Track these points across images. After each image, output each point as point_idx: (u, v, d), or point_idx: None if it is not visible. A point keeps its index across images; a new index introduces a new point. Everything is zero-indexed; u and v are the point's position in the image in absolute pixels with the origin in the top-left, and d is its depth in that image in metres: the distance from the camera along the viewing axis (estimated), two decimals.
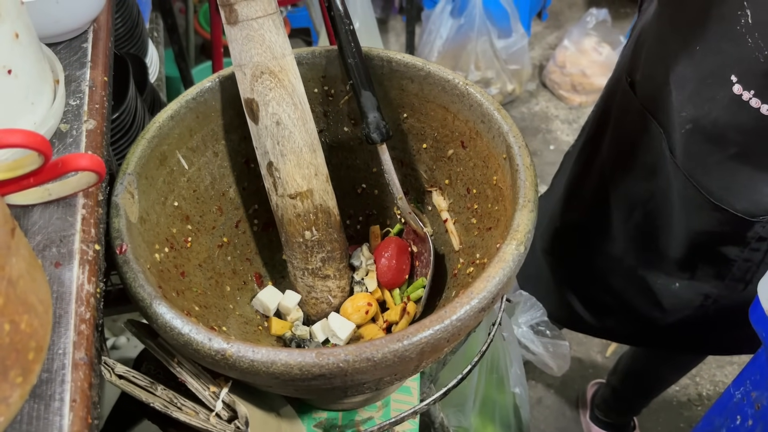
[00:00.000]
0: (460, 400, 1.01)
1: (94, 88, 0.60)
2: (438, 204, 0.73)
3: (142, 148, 0.59)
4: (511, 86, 2.28)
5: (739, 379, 0.77)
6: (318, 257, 0.69)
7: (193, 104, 0.65)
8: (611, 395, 1.51)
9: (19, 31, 0.50)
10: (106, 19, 0.69)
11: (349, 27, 0.66)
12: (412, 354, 0.47)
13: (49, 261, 0.47)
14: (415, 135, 0.73)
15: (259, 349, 0.46)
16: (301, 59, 0.69)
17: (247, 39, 0.60)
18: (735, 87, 0.73)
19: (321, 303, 0.72)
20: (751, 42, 0.69)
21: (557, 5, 2.80)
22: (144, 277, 0.51)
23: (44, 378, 0.42)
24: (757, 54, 0.69)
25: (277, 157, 0.64)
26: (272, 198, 0.67)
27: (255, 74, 0.61)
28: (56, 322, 0.44)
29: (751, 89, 0.72)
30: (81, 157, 0.47)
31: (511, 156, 0.59)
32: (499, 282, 0.50)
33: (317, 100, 0.73)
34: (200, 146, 0.67)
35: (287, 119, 0.62)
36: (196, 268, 0.66)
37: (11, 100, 0.50)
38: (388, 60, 0.68)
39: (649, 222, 0.94)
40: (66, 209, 0.51)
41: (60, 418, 0.40)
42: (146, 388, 0.53)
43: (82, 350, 0.44)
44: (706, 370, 1.70)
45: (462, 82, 0.65)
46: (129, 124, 0.84)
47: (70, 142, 0.56)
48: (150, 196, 0.60)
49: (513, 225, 0.54)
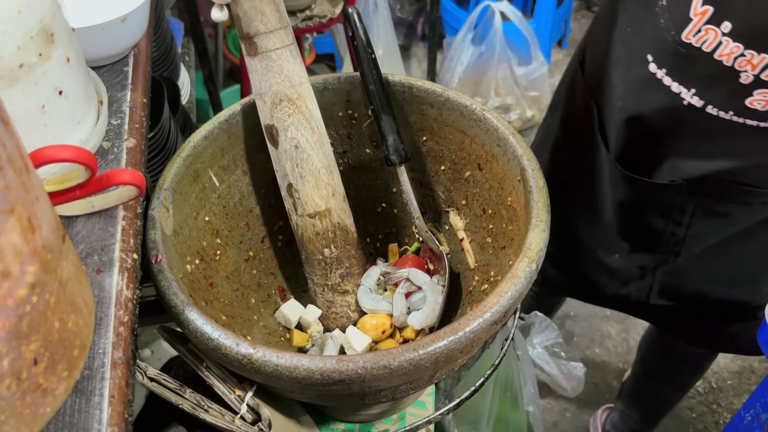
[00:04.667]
0: (475, 418, 1.03)
1: (134, 109, 0.65)
2: (455, 224, 0.76)
3: (177, 165, 0.63)
4: (531, 112, 2.31)
5: (749, 402, 0.78)
6: (337, 273, 0.73)
7: (225, 125, 0.69)
8: (620, 420, 1.52)
9: (70, 56, 0.55)
10: (145, 45, 0.74)
11: (371, 56, 0.69)
12: (427, 363, 0.50)
13: (91, 268, 0.51)
14: (434, 157, 0.76)
15: (283, 355, 0.49)
16: (327, 84, 0.73)
17: (266, 69, 0.64)
18: (651, 65, 0.78)
19: (341, 317, 0.75)
20: (663, 23, 0.75)
21: (578, 33, 2.84)
22: (177, 285, 0.54)
23: (86, 375, 0.45)
24: (666, 34, 0.74)
25: (297, 179, 0.67)
26: (292, 218, 0.70)
27: (274, 102, 0.65)
28: (97, 323, 0.48)
29: (663, 67, 0.77)
30: (124, 172, 0.51)
31: (525, 178, 0.62)
32: (511, 297, 0.53)
33: (341, 123, 0.77)
34: (231, 165, 0.71)
35: (305, 143, 0.66)
36: (223, 279, 0.69)
37: (61, 118, 0.54)
38: (410, 86, 0.72)
39: (590, 196, 0.99)
40: (107, 220, 0.54)
41: (100, 412, 0.44)
42: (176, 390, 0.56)
43: (120, 350, 0.47)
44: (723, 397, 1.69)
45: (479, 107, 0.68)
46: (163, 143, 0.89)
47: (112, 158, 0.60)
48: (183, 211, 0.64)
49: (526, 244, 0.56)
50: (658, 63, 0.78)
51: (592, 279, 1.08)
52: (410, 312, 0.72)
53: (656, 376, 1.36)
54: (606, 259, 1.03)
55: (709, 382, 1.71)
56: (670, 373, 1.33)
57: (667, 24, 0.74)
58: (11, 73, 0.48)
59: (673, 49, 0.75)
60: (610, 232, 1.00)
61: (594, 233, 1.03)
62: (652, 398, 1.40)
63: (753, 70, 0.70)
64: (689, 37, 0.72)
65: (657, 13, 0.75)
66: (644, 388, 1.40)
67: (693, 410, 1.66)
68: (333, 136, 0.77)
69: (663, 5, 0.74)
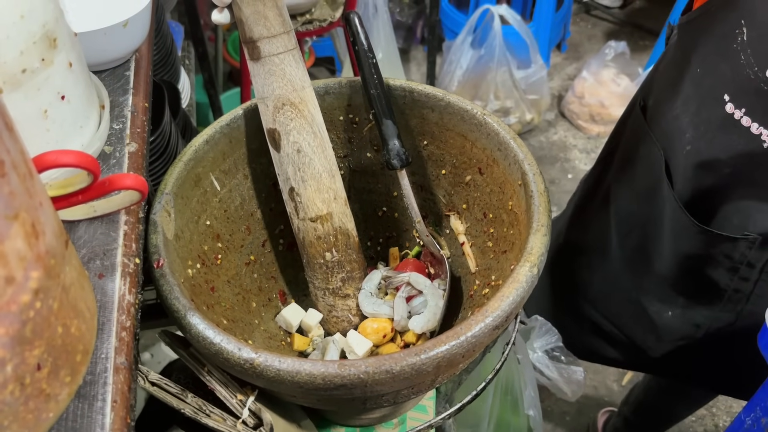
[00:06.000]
0: (475, 421, 1.03)
1: (135, 113, 0.65)
2: (455, 228, 0.76)
3: (179, 169, 0.63)
4: (530, 116, 2.31)
5: (749, 406, 0.78)
6: (338, 277, 0.73)
7: (227, 130, 0.69)
8: (623, 425, 1.51)
9: (72, 61, 0.55)
10: (146, 49, 0.74)
11: (372, 60, 0.70)
12: (429, 368, 0.50)
13: (93, 272, 0.51)
14: (435, 161, 0.76)
15: (285, 359, 0.49)
16: (328, 89, 0.73)
17: (269, 73, 0.64)
18: (728, 106, 0.74)
19: (342, 321, 0.75)
20: (743, 59, 0.70)
21: (576, 37, 2.84)
22: (179, 289, 0.54)
23: (88, 380, 0.45)
24: (748, 71, 0.70)
25: (298, 183, 0.67)
26: (294, 221, 0.70)
27: (277, 106, 0.65)
28: (99, 328, 0.48)
29: (742, 107, 0.73)
30: (126, 177, 0.51)
31: (525, 182, 0.62)
32: (512, 301, 0.53)
33: (342, 127, 0.77)
34: (232, 169, 0.71)
35: (307, 147, 0.66)
36: (225, 283, 0.69)
37: (63, 123, 0.55)
38: (410, 90, 0.72)
39: (644, 245, 0.95)
40: (109, 225, 0.55)
41: (102, 416, 0.44)
42: (177, 395, 0.56)
43: (122, 355, 0.47)
44: (722, 401, 1.69)
45: (480, 112, 0.68)
46: (164, 147, 0.89)
47: (114, 163, 0.60)
48: (185, 215, 0.64)
49: (527, 248, 0.56)
50: (736, 103, 0.73)
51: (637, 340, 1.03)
52: (411, 316, 0.72)
53: (674, 395, 1.34)
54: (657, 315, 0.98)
55: None
56: (688, 392, 1.32)
57: (748, 60, 0.70)
58: (14, 78, 0.48)
59: (755, 87, 0.70)
60: (665, 282, 0.95)
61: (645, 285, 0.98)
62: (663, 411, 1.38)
63: None
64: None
65: (736, 50, 0.71)
66: (658, 401, 1.37)
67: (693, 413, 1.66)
68: (334, 140, 0.77)
69: (743, 41, 0.70)
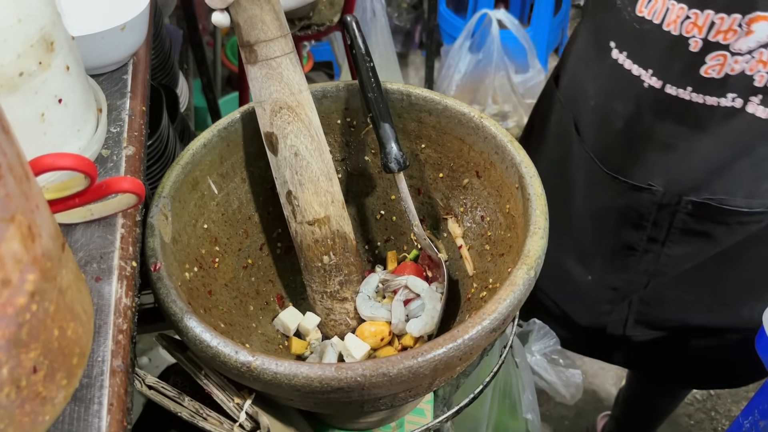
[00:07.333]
0: (473, 425, 1.03)
1: (133, 117, 0.65)
2: (453, 231, 0.76)
3: (176, 173, 0.63)
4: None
5: (747, 409, 0.78)
6: (336, 281, 0.73)
7: (224, 133, 0.69)
8: (616, 427, 1.52)
9: (69, 64, 0.55)
10: (144, 53, 0.74)
11: (369, 64, 0.70)
12: (426, 371, 0.50)
13: (90, 275, 0.51)
14: (433, 165, 0.76)
15: (282, 362, 0.49)
16: (326, 92, 0.73)
17: (266, 77, 0.64)
18: (613, 52, 0.79)
19: (340, 325, 0.75)
20: (619, 2, 0.75)
21: None
22: (176, 293, 0.54)
23: (85, 383, 0.45)
24: (624, 13, 0.75)
25: (296, 186, 0.67)
26: (291, 225, 0.70)
27: (274, 109, 0.65)
28: (96, 331, 0.48)
29: (624, 50, 0.77)
30: (123, 180, 0.51)
31: (523, 185, 0.62)
32: (509, 304, 0.53)
33: (340, 131, 0.77)
34: (229, 172, 0.71)
35: (305, 150, 0.66)
36: (222, 287, 0.69)
37: (61, 126, 0.55)
38: (408, 94, 0.72)
39: (563, 204, 0.98)
40: (106, 228, 0.55)
41: (98, 420, 0.44)
42: (174, 398, 0.56)
43: (119, 358, 0.47)
44: (721, 404, 1.69)
45: (477, 115, 0.68)
46: (162, 151, 0.89)
47: (111, 166, 0.60)
48: (182, 219, 0.64)
49: (524, 251, 0.57)
50: (619, 47, 0.78)
51: (567, 309, 1.07)
52: (409, 319, 0.72)
53: (651, 387, 1.35)
54: (579, 280, 1.01)
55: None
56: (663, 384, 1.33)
57: (624, 2, 0.75)
58: (11, 82, 0.48)
59: (630, 27, 0.75)
60: (584, 244, 0.99)
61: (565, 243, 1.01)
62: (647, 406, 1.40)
63: (700, 33, 0.70)
64: (642, 10, 0.73)
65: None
66: (639, 396, 1.40)
67: (691, 417, 1.66)
68: (332, 144, 0.77)
69: None
